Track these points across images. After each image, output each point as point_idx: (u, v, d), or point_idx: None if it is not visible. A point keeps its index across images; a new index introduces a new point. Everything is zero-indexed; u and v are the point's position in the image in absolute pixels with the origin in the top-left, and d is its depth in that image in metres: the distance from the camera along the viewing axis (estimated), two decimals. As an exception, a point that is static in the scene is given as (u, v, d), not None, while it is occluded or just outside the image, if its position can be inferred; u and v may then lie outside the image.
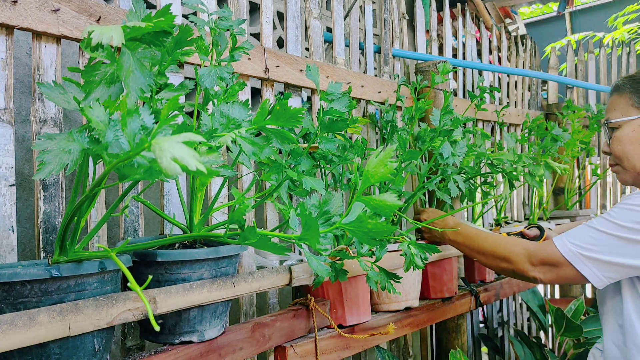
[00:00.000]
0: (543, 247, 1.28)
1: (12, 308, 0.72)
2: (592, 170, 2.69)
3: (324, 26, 2.42)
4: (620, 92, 1.34)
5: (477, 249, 1.44)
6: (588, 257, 1.20)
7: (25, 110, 1.44)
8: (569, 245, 1.23)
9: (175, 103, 0.66)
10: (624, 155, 1.30)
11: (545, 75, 2.78)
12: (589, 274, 1.21)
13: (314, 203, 0.94)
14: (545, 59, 3.76)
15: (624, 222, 1.17)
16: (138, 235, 1.14)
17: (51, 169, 0.68)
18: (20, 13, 0.92)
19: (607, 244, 1.19)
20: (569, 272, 1.23)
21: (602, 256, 1.19)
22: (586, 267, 1.21)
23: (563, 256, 1.23)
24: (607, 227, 1.20)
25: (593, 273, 1.21)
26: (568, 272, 1.23)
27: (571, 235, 1.25)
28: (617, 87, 1.36)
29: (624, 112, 1.31)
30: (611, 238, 1.19)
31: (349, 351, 1.31)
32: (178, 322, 0.96)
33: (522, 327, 2.88)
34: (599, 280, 1.21)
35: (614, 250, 1.18)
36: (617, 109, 1.33)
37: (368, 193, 1.63)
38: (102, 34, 0.63)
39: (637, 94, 1.29)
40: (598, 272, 1.20)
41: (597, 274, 1.20)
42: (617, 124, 1.31)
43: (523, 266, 1.31)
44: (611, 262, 1.19)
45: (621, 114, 1.31)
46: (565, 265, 1.23)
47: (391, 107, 1.72)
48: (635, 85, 1.31)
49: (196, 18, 0.99)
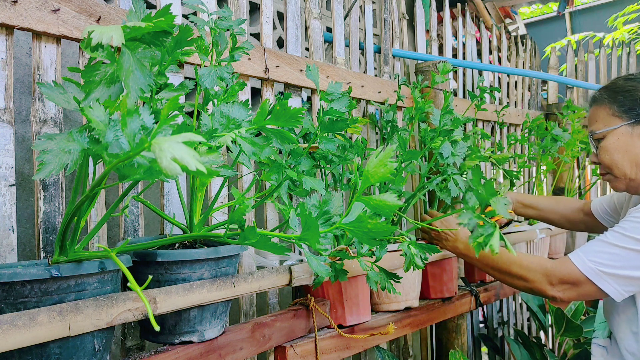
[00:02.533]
0: (561, 266, 1.26)
1: (12, 308, 0.72)
2: (592, 170, 2.69)
3: (324, 26, 2.42)
4: (599, 104, 1.36)
5: (491, 265, 1.39)
6: (609, 274, 1.20)
7: (25, 110, 1.44)
8: (588, 263, 1.21)
9: (175, 103, 0.66)
10: (612, 164, 1.32)
11: (545, 75, 2.78)
12: (610, 290, 1.20)
13: (314, 203, 0.94)
14: (545, 59, 3.76)
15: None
16: (138, 235, 1.14)
17: (51, 169, 0.68)
18: (20, 13, 0.92)
19: (627, 258, 1.19)
20: (589, 289, 1.22)
21: (623, 271, 1.19)
22: (607, 283, 1.20)
23: (583, 274, 1.21)
24: (625, 242, 1.19)
25: (614, 289, 1.20)
26: (588, 289, 1.22)
27: (588, 252, 1.23)
28: (595, 98, 1.37)
29: (605, 122, 1.33)
30: (631, 252, 1.19)
31: (349, 351, 1.31)
32: (178, 322, 0.96)
33: (522, 327, 2.88)
34: (619, 294, 1.21)
35: (634, 264, 1.18)
36: (598, 120, 1.35)
37: (368, 193, 1.63)
38: (102, 34, 0.63)
39: (616, 103, 1.31)
40: (619, 287, 1.20)
41: (618, 289, 1.20)
42: (602, 134, 1.33)
43: (541, 286, 1.28)
44: (632, 277, 1.19)
45: (604, 125, 1.33)
46: (586, 283, 1.22)
47: (391, 107, 1.72)
48: (611, 95, 1.33)
49: (196, 18, 0.99)
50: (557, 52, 3.15)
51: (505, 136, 2.60)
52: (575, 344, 2.05)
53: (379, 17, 1.97)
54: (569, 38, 3.78)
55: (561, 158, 2.24)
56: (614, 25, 4.38)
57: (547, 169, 2.26)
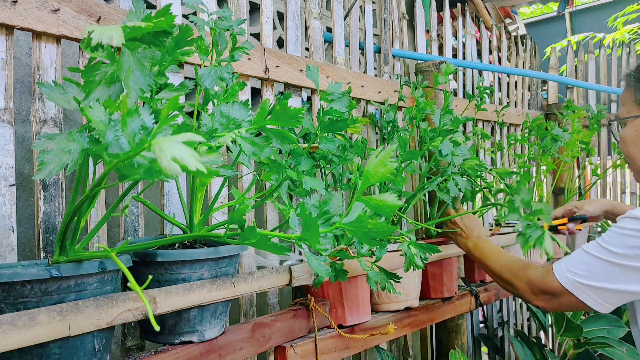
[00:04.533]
0: (543, 276, 1.23)
1: (12, 308, 0.72)
2: (592, 170, 2.69)
3: (324, 26, 2.42)
4: (627, 86, 1.24)
5: (488, 267, 1.41)
6: (586, 285, 1.15)
7: (25, 110, 1.44)
8: (566, 274, 1.17)
9: (175, 103, 0.66)
10: (629, 156, 1.24)
11: (545, 75, 2.78)
12: (591, 302, 1.15)
13: (314, 203, 0.94)
14: (545, 59, 3.76)
15: (616, 249, 1.11)
16: (138, 235, 1.14)
17: (51, 169, 0.68)
18: (20, 13, 0.92)
19: (602, 270, 1.13)
20: (570, 300, 1.18)
21: (599, 283, 1.13)
22: (586, 294, 1.15)
23: (562, 285, 1.17)
24: (600, 253, 1.14)
25: (594, 300, 1.15)
26: (569, 300, 1.18)
27: (569, 262, 1.19)
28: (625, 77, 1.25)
29: (628, 108, 1.22)
30: (605, 264, 1.13)
31: (349, 351, 1.31)
32: (178, 322, 0.96)
33: (522, 327, 2.88)
34: (601, 306, 1.15)
35: (609, 276, 1.12)
36: (624, 104, 1.23)
37: (368, 193, 1.63)
38: (102, 34, 0.63)
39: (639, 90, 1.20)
40: (598, 299, 1.14)
41: (598, 300, 1.14)
42: (624, 121, 1.23)
43: (525, 295, 1.27)
44: (609, 289, 1.13)
45: (626, 111, 1.23)
46: (565, 294, 1.18)
47: (391, 107, 1.72)
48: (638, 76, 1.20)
49: (196, 18, 0.99)
50: (557, 53, 3.14)
51: (505, 136, 2.60)
52: (575, 344, 2.05)
53: (379, 17, 1.97)
54: (569, 38, 3.78)
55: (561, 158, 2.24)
56: (614, 25, 4.38)
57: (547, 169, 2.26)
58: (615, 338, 2.02)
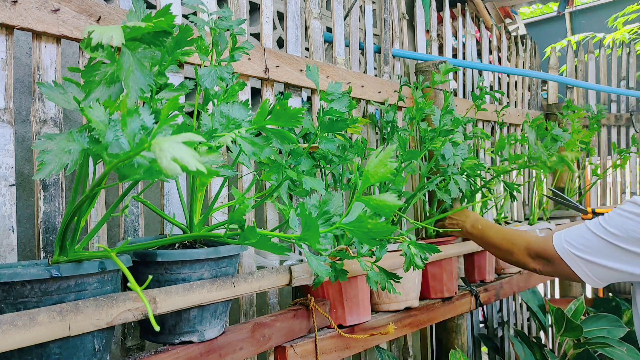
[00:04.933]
0: (541, 241, 1.32)
1: (12, 308, 0.72)
2: (592, 170, 2.69)
3: (324, 26, 2.42)
4: None
5: (488, 241, 1.51)
6: (579, 257, 1.23)
7: (25, 110, 1.44)
8: (563, 243, 1.26)
9: (175, 103, 0.66)
10: None
11: (545, 75, 2.78)
12: (582, 273, 1.24)
13: (314, 203, 0.94)
14: (545, 60, 3.76)
15: (614, 229, 1.19)
16: (138, 235, 1.14)
17: (51, 169, 0.68)
18: (20, 13, 0.92)
19: (598, 247, 1.21)
20: (563, 268, 1.26)
21: (592, 258, 1.22)
22: (578, 266, 1.24)
23: (556, 252, 1.26)
24: (599, 231, 1.22)
25: (585, 273, 1.23)
26: (562, 268, 1.27)
27: (568, 233, 1.27)
28: None
29: None
30: (601, 242, 1.21)
31: (349, 351, 1.31)
32: (178, 322, 0.96)
33: (522, 327, 2.88)
34: (592, 280, 1.24)
35: (603, 253, 1.21)
36: None
37: (368, 193, 1.63)
38: (102, 34, 0.63)
39: None
40: (589, 273, 1.23)
41: (589, 274, 1.23)
42: None
43: (523, 258, 1.36)
44: (601, 265, 1.21)
45: None
46: (559, 261, 1.27)
47: (391, 107, 1.72)
48: None
49: (196, 18, 0.99)
50: (557, 53, 3.14)
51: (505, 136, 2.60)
52: (576, 344, 2.05)
53: (379, 17, 1.97)
54: (569, 38, 3.78)
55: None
56: (614, 25, 4.38)
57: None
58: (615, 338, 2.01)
